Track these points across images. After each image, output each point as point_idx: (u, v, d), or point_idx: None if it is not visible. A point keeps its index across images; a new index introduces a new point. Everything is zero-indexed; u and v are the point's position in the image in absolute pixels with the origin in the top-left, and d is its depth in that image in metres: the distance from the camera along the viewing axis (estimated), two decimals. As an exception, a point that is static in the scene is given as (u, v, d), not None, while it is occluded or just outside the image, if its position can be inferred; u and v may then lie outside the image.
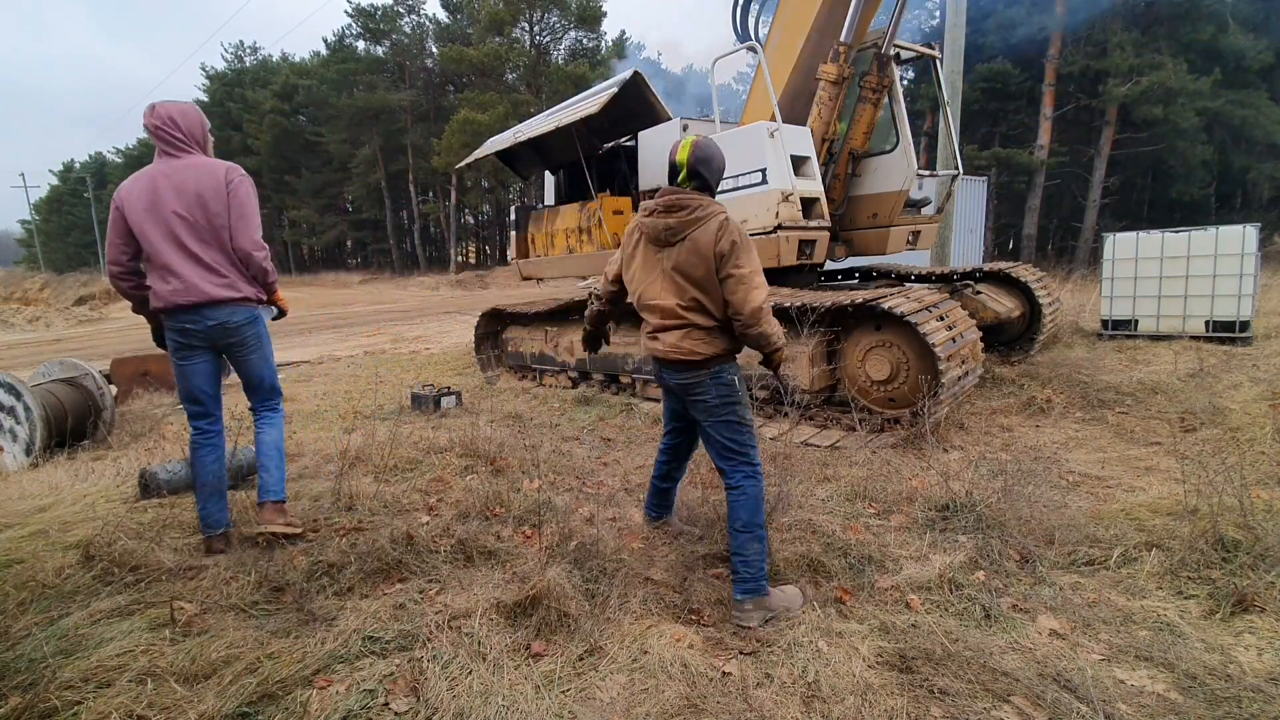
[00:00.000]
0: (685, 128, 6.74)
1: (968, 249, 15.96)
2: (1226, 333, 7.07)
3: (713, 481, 4.02)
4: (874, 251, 6.80)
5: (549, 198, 8.75)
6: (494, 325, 8.04)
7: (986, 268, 6.96)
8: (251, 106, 46.23)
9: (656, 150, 7.02)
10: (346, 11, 40.87)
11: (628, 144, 7.60)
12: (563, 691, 2.10)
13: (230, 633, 2.44)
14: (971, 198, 16.16)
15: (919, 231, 6.92)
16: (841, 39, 5.68)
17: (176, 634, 2.47)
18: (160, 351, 7.94)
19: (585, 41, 38.63)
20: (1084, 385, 5.66)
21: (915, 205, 6.93)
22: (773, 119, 5.57)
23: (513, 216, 8.76)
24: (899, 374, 4.69)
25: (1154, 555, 2.73)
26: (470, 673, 2.18)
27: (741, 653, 2.27)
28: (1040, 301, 6.55)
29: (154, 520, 3.46)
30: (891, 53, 6.22)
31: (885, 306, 4.41)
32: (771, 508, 3.29)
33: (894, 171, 6.48)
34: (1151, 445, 4.51)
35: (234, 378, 8.74)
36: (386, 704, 2.08)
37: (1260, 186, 20.50)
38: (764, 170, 5.45)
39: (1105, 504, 3.42)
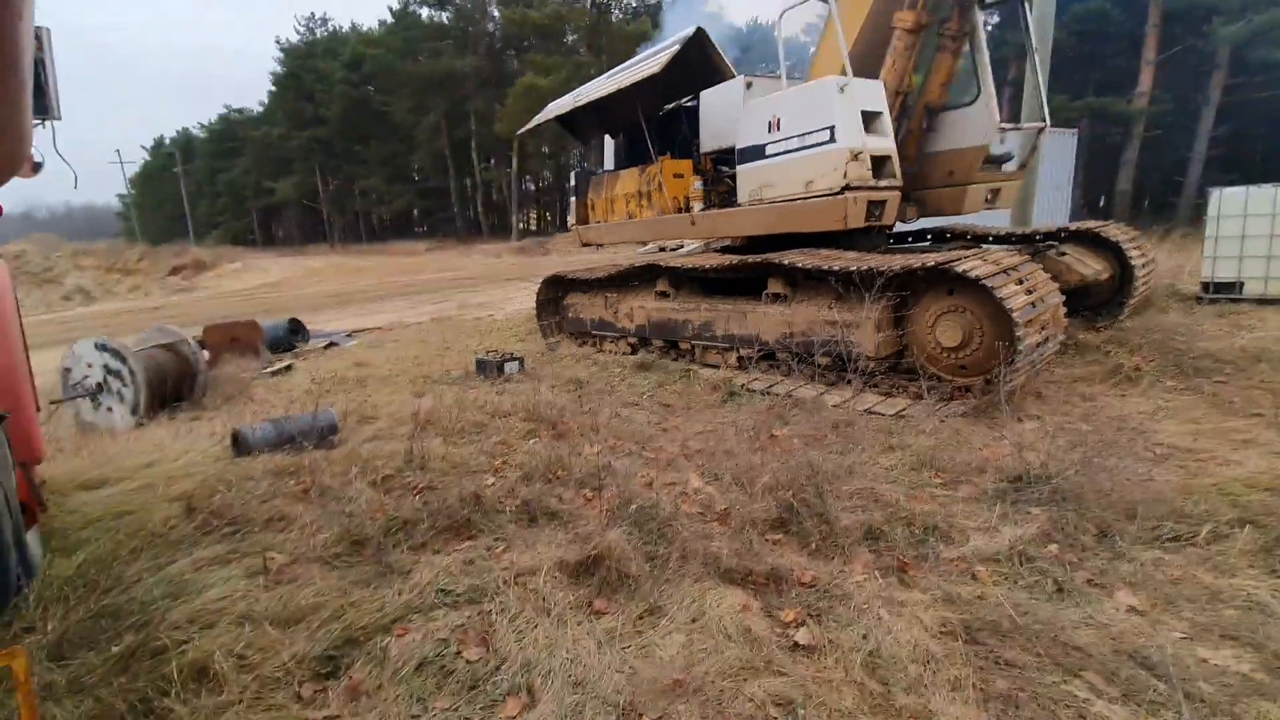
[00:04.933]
0: (749, 85, 6.52)
1: (1053, 207, 14.94)
2: (1349, 295, 6.42)
3: (770, 445, 4.00)
4: (948, 211, 6.46)
5: (608, 162, 8.68)
6: (555, 292, 8.14)
7: (1073, 227, 6.51)
8: (323, 78, 47.56)
9: (719, 109, 6.84)
10: (410, -22, 41.23)
11: (689, 104, 7.43)
12: (623, 648, 2.17)
13: (316, 582, 2.63)
14: (1059, 151, 15.05)
15: (999, 189, 6.52)
16: (918, -17, 5.34)
17: (269, 582, 2.67)
18: (247, 319, 8.41)
19: (646, -1, 37.69)
20: (1178, 352, 5.27)
21: (996, 161, 6.52)
22: (843, 73, 5.32)
23: (572, 182, 8.77)
24: (972, 340, 4.49)
25: (1247, 532, 2.56)
26: (536, 626, 2.28)
27: (801, 618, 2.28)
28: (1132, 263, 6.09)
29: (245, 475, 3.72)
30: (975, -5, 5.79)
31: (960, 269, 4.20)
32: (833, 476, 3.26)
33: (974, 125, 6.09)
34: (1252, 417, 4.18)
35: (312, 343, 9.09)
36: (459, 653, 2.20)
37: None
38: (832, 128, 5.24)
39: (1196, 478, 3.21)
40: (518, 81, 33.06)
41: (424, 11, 43.41)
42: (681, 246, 8.78)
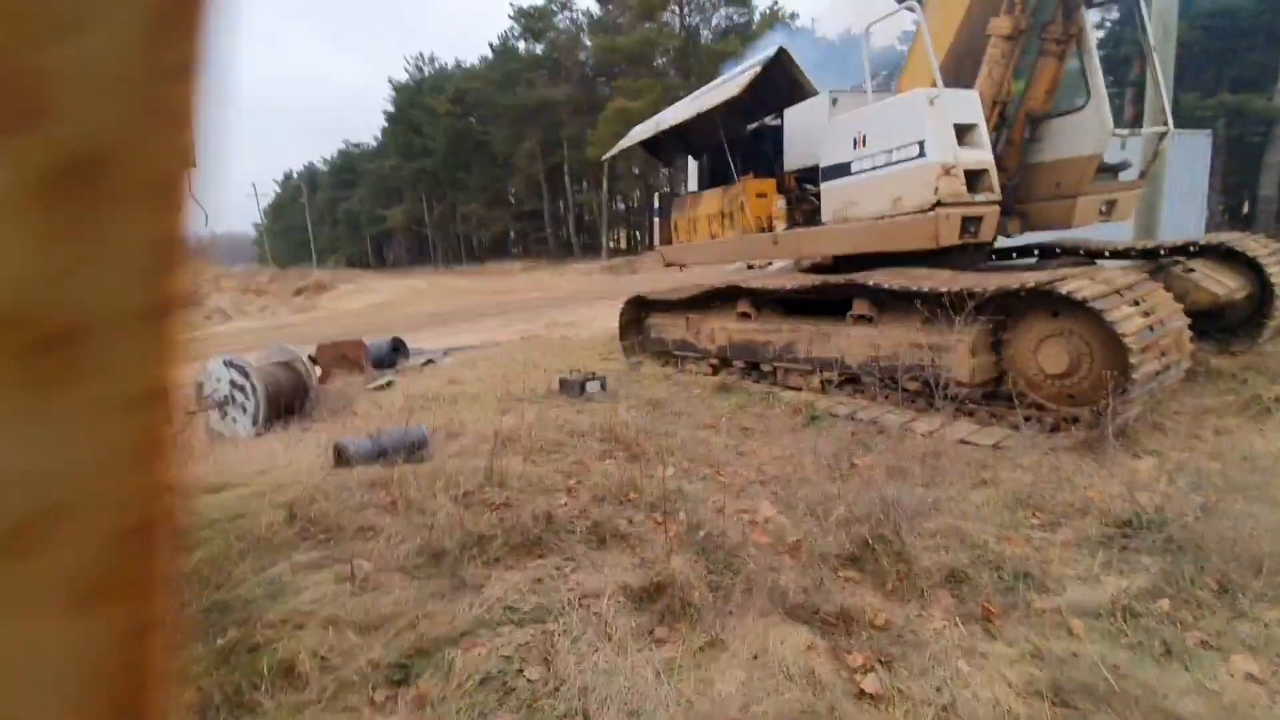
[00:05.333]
0: (835, 101, 6.40)
1: (1184, 217, 13.54)
2: None
3: (851, 473, 3.84)
4: (1057, 225, 6.02)
5: (691, 183, 8.75)
6: (637, 312, 8.23)
7: (1203, 240, 5.89)
8: (430, 112, 51.04)
9: (803, 127, 6.75)
10: (509, 15, 43.56)
11: (773, 123, 7.38)
12: (681, 680, 2.14)
13: (396, 591, 2.77)
14: (1190, 156, 13.69)
15: (1115, 200, 6.02)
16: (1017, -12, 5.06)
17: (355, 588, 2.84)
18: (354, 339, 8.99)
19: (735, 18, 37.87)
20: (1334, 382, 4.64)
21: (1111, 170, 6.04)
22: (933, 85, 5.11)
23: (656, 204, 8.89)
24: (1080, 366, 4.13)
25: None
26: (596, 650, 2.30)
27: (870, 664, 2.17)
28: (1272, 280, 5.42)
29: (342, 485, 3.98)
30: (1082, -4, 5.42)
31: (1064, 291, 3.90)
32: (915, 512, 3.09)
33: (1084, 133, 5.68)
34: None
35: (412, 361, 9.51)
36: (521, 670, 2.25)
37: None
38: (922, 142, 5.03)
39: (1352, 531, 2.79)
40: (607, 106, 33.99)
41: (521, 45, 45.65)
42: (771, 266, 8.66)
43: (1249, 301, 5.64)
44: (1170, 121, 6.02)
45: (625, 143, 8.66)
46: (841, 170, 5.76)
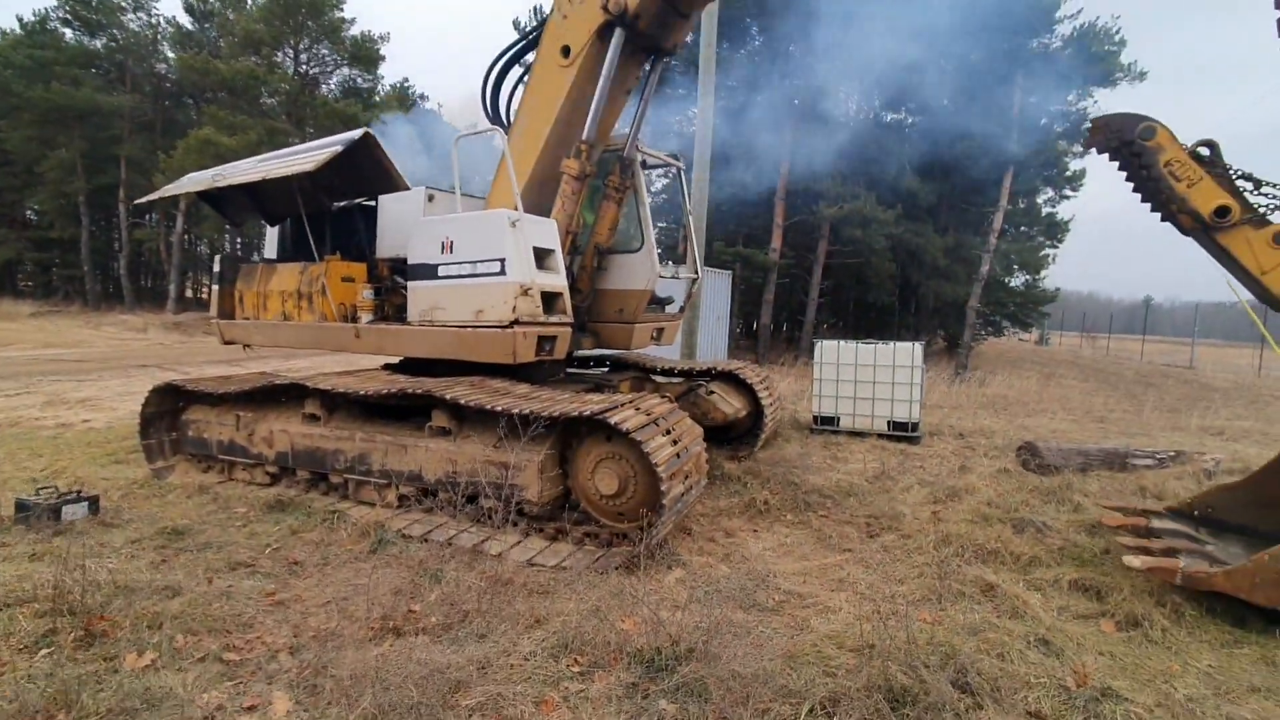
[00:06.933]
0: (431, 198, 6.22)
1: (716, 338, 17.45)
2: (902, 432, 8.32)
3: (406, 621, 3.36)
4: (619, 345, 6.83)
5: (269, 250, 7.52)
6: (171, 403, 6.48)
7: (720, 367, 7.37)
8: (-111, 77, 35.43)
9: (396, 218, 6.38)
10: (51, -10, 33.75)
11: (369, 204, 6.84)
12: None
13: None
14: (719, 289, 17.84)
15: (663, 329, 7.13)
16: (583, 137, 5.68)
17: None
18: None
19: (360, 81, 36.41)
20: (795, 486, 6.08)
21: (659, 303, 7.15)
22: (515, 208, 5.31)
23: (216, 267, 7.35)
24: (627, 488, 4.52)
25: (840, 712, 2.70)
26: None
27: None
28: (763, 403, 7.06)
29: None
30: (636, 157, 6.42)
31: (612, 422, 4.23)
32: (457, 683, 2.76)
33: (638, 270, 6.62)
34: (844, 552, 4.87)
35: None
36: None
37: (928, 299, 25.86)
38: (503, 260, 5.12)
39: (801, 634, 3.45)
40: (190, 133, 28.55)
41: (68, 33, 35.61)
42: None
43: (749, 418, 7.21)
44: (699, 270, 7.50)
45: (172, 189, 6.99)
46: (429, 271, 5.52)
